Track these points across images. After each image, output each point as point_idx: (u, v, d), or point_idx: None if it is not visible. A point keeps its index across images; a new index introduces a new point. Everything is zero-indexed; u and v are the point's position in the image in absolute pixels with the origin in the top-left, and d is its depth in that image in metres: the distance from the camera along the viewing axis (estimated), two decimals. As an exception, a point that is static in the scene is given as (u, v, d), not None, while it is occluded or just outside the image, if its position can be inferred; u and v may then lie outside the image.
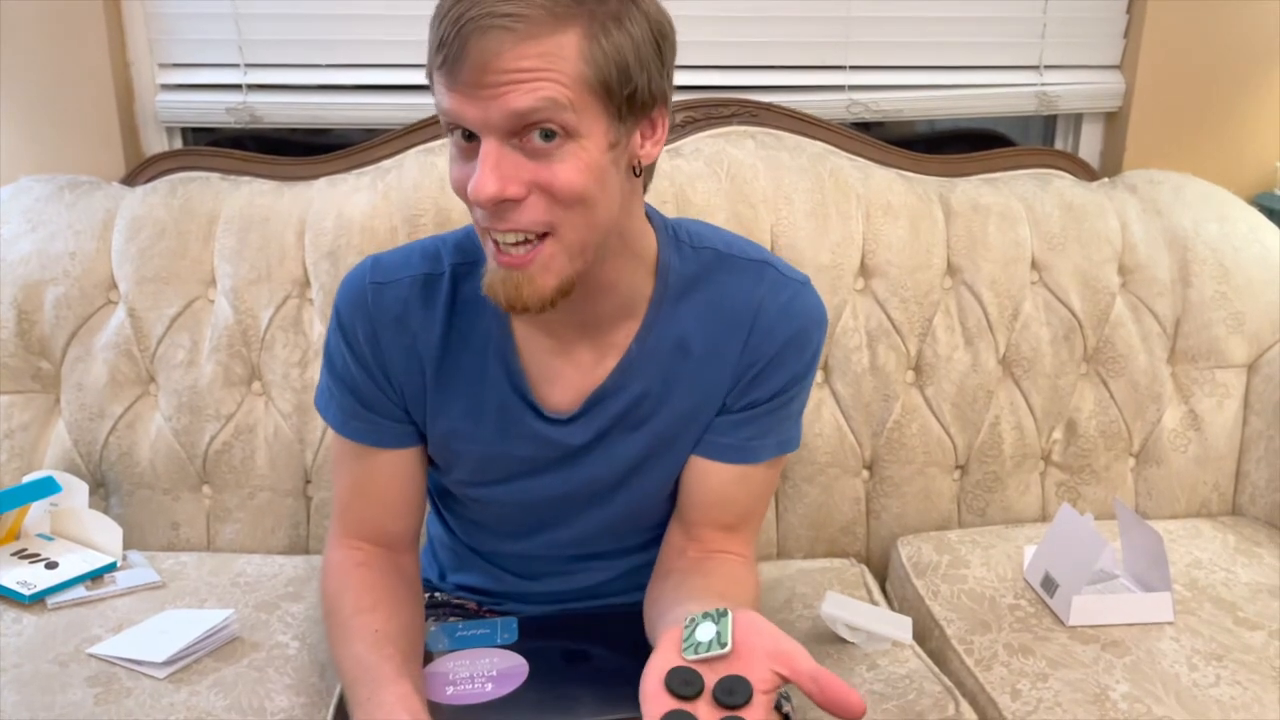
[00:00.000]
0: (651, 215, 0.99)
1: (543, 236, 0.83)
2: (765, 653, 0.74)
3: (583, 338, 0.98)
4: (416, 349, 0.99)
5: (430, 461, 1.07)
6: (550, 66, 0.78)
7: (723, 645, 0.75)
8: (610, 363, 0.99)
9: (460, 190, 0.85)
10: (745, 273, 1.00)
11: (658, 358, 0.99)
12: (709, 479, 1.01)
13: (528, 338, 0.99)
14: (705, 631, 0.77)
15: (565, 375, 0.99)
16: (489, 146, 0.80)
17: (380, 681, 0.89)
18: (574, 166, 0.81)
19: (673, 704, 0.73)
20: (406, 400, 1.01)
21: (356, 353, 0.99)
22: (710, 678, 0.74)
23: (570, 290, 0.87)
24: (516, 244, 0.83)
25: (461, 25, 0.77)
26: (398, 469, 1.03)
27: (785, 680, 0.74)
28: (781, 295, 0.99)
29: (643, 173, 0.90)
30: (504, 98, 0.78)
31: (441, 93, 0.81)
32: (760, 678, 0.73)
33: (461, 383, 0.99)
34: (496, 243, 0.84)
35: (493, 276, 0.86)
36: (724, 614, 0.78)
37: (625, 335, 0.98)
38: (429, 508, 1.18)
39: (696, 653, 0.76)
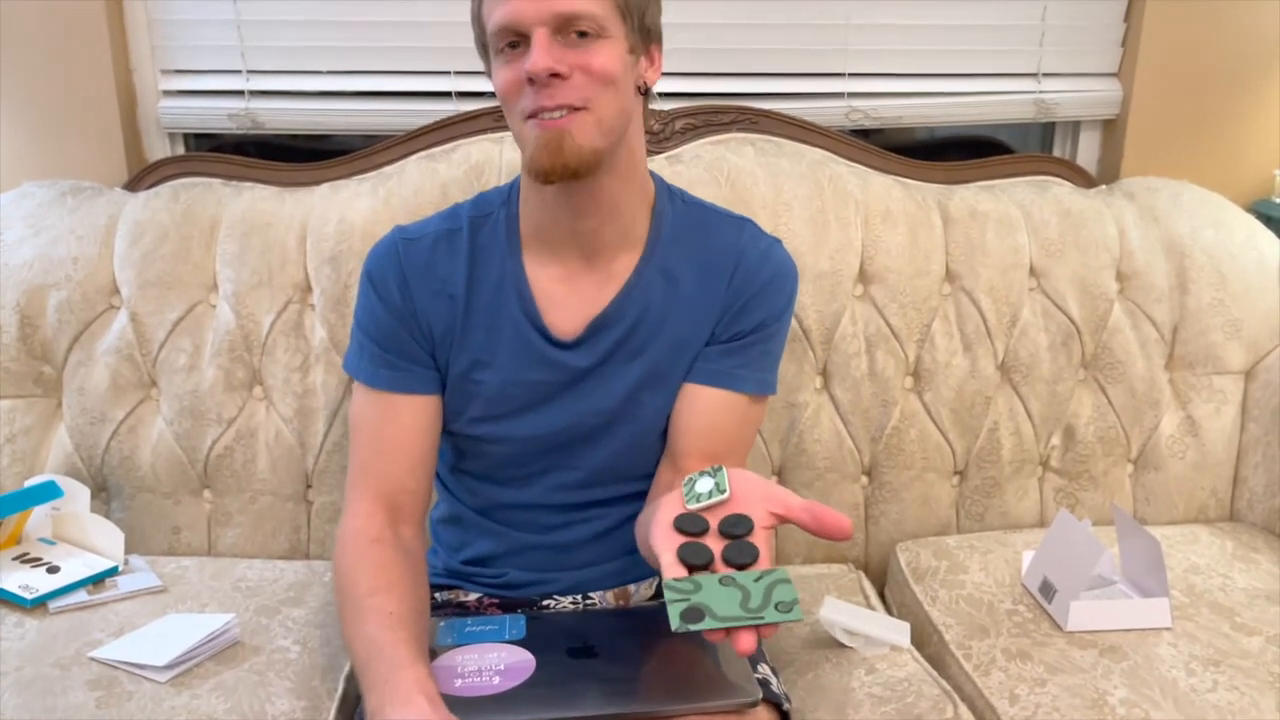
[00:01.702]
0: (652, 173, 1.15)
1: (579, 110, 0.99)
2: (760, 496, 0.84)
3: (587, 268, 1.11)
4: (446, 291, 1.11)
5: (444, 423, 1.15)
6: None
7: (722, 492, 0.84)
8: (611, 291, 1.11)
9: (510, 89, 1.00)
10: (728, 226, 1.16)
11: (654, 289, 1.12)
12: (698, 403, 1.12)
13: (537, 269, 1.12)
14: (704, 484, 0.85)
15: (571, 303, 1.12)
16: (540, 35, 0.96)
17: (396, 664, 0.92)
18: (607, 54, 0.99)
19: (684, 539, 0.80)
20: (435, 341, 1.12)
21: (387, 301, 1.11)
22: (713, 520, 0.82)
23: (600, 163, 1.01)
24: (558, 114, 0.98)
25: None
26: (416, 417, 1.12)
27: (781, 520, 0.83)
28: (761, 244, 1.15)
29: (645, 94, 1.07)
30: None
31: (495, 6, 0.98)
32: (759, 517, 0.82)
33: (482, 316, 1.12)
34: (539, 118, 0.98)
35: (535, 148, 1.00)
36: (719, 469, 0.86)
37: (625, 267, 1.12)
38: (436, 495, 1.24)
39: (698, 501, 0.83)
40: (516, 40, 0.98)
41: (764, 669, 1.12)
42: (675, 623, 0.72)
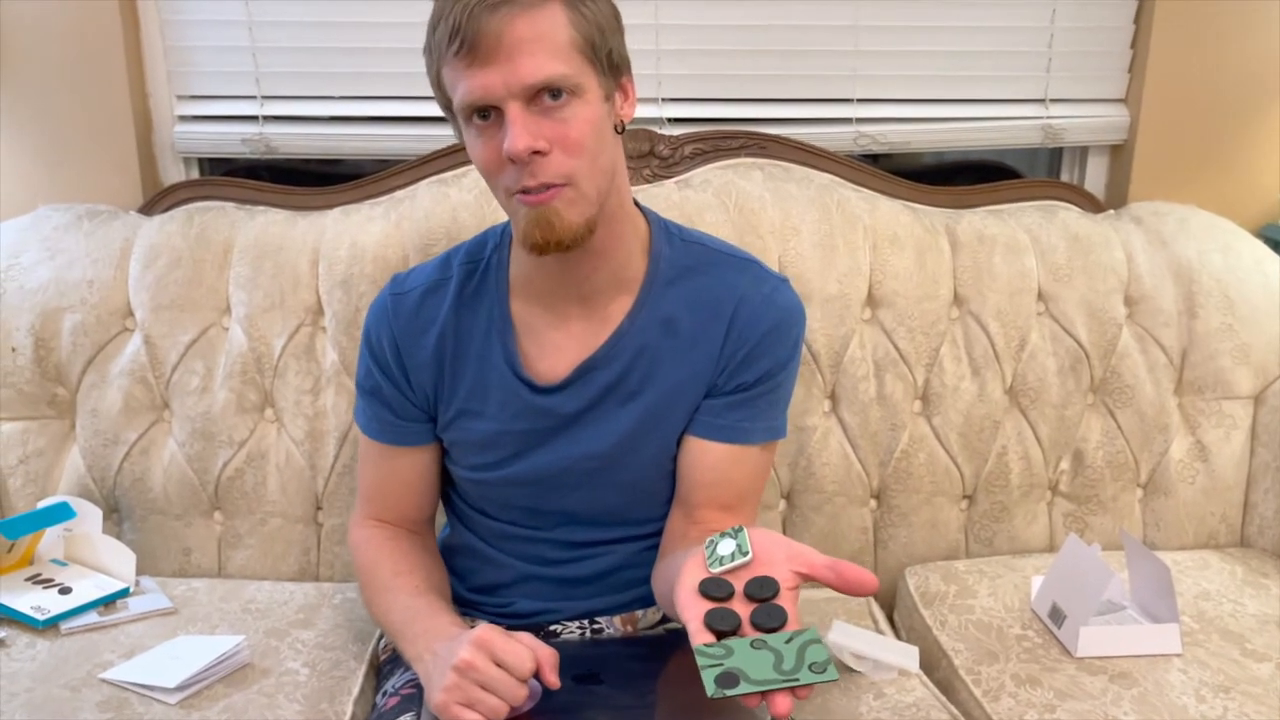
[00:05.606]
0: (646, 210, 1.12)
1: (562, 186, 0.95)
2: (783, 556, 0.83)
3: (581, 312, 1.08)
4: (431, 345, 1.11)
5: (446, 454, 1.18)
6: (549, 34, 0.92)
7: (745, 554, 0.83)
8: (604, 335, 1.09)
9: (490, 164, 0.96)
10: (730, 266, 1.11)
11: (648, 333, 1.08)
12: (707, 458, 1.09)
13: (527, 316, 1.10)
14: (726, 546, 0.84)
15: (561, 348, 1.09)
16: (514, 110, 0.92)
17: (434, 612, 1.04)
18: (583, 118, 0.95)
19: (710, 605, 0.79)
20: (425, 397, 1.13)
21: (380, 362, 1.13)
22: (738, 584, 0.81)
23: (593, 230, 0.99)
24: (544, 188, 0.95)
25: (470, 9, 0.90)
26: (415, 465, 1.17)
27: (805, 578, 0.82)
28: (764, 287, 1.10)
29: (623, 132, 1.02)
30: (520, 65, 0.91)
31: (459, 78, 0.93)
32: (783, 578, 0.81)
33: (470, 367, 1.11)
34: (525, 192, 0.95)
35: (526, 223, 0.97)
36: (740, 530, 0.85)
37: (619, 311, 1.09)
38: (449, 523, 1.27)
39: (721, 565, 0.83)
40: (487, 111, 0.94)
41: (772, 694, 1.12)
42: (711, 689, 0.72)
